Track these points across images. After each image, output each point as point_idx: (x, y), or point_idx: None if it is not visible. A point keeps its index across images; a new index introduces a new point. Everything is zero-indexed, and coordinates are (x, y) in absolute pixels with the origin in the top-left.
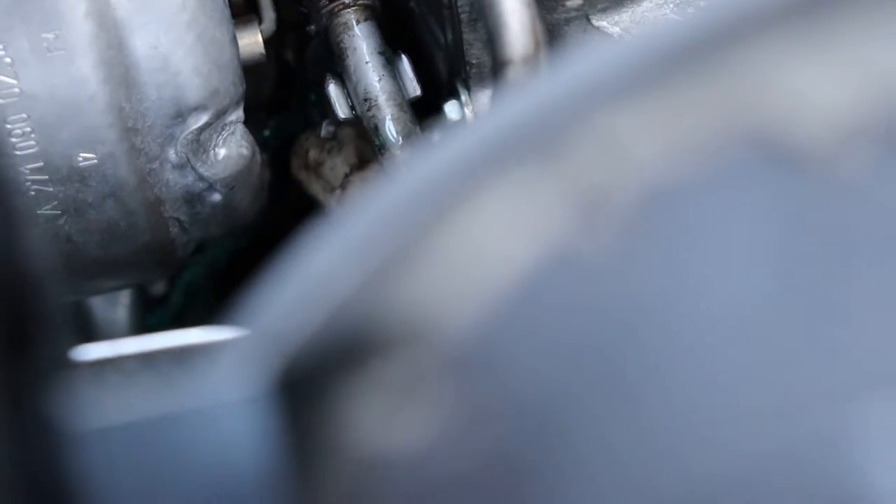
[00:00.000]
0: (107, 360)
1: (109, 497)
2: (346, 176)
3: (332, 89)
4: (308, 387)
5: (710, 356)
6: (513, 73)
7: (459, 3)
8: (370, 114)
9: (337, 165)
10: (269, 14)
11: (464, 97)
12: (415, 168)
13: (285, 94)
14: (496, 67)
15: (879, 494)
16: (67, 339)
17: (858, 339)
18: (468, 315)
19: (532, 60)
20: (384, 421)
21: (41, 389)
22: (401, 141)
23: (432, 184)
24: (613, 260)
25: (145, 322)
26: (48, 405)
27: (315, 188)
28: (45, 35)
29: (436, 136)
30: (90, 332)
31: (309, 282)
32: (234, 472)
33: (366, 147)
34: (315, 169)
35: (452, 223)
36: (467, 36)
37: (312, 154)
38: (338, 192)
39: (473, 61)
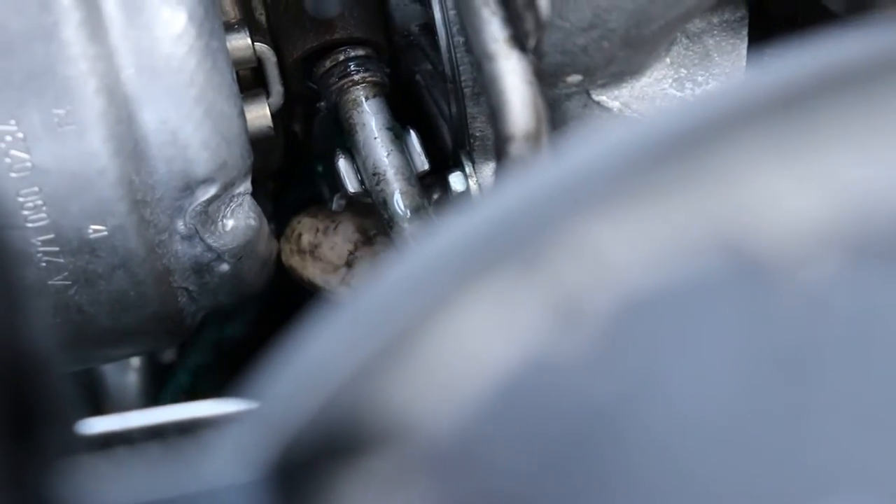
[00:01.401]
0: (114, 433)
1: None
2: (352, 253)
3: (342, 164)
4: (302, 473)
5: (682, 457)
6: (515, 148)
7: (463, 78)
8: (379, 188)
9: (338, 244)
10: (276, 88)
11: (468, 168)
12: (399, 267)
13: (293, 166)
14: (499, 142)
15: None
16: (72, 418)
17: (820, 442)
18: (448, 414)
19: (534, 135)
20: None
21: (45, 473)
22: (409, 214)
23: (415, 286)
24: (589, 364)
25: (157, 397)
26: (51, 489)
27: (311, 272)
28: (56, 111)
29: (427, 226)
30: (101, 397)
31: (303, 375)
32: None
33: (366, 222)
34: (311, 252)
35: (434, 326)
36: (471, 109)
37: (306, 238)
38: (343, 269)
39: (477, 134)
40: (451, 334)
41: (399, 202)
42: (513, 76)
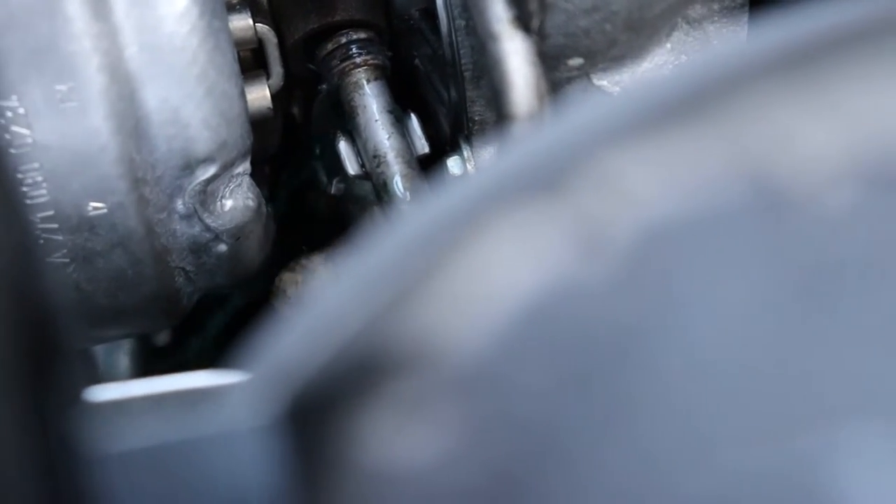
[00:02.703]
0: (117, 401)
1: None
2: None
3: (343, 146)
4: (318, 411)
5: (702, 381)
6: (517, 129)
7: (463, 62)
8: (379, 170)
9: None
10: (276, 69)
11: (466, 153)
12: (429, 202)
13: (291, 148)
14: (501, 122)
15: None
16: (83, 374)
17: (838, 367)
18: (473, 339)
19: (536, 117)
20: (392, 438)
21: (63, 416)
22: (409, 197)
23: (443, 216)
24: (611, 290)
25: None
26: (70, 431)
27: None
28: (58, 87)
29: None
30: (94, 379)
31: (320, 312)
32: (248, 495)
33: (336, 265)
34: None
35: (461, 253)
36: (470, 93)
37: (290, 291)
38: None
39: (476, 118)
40: (476, 261)
41: (399, 185)
42: (516, 57)
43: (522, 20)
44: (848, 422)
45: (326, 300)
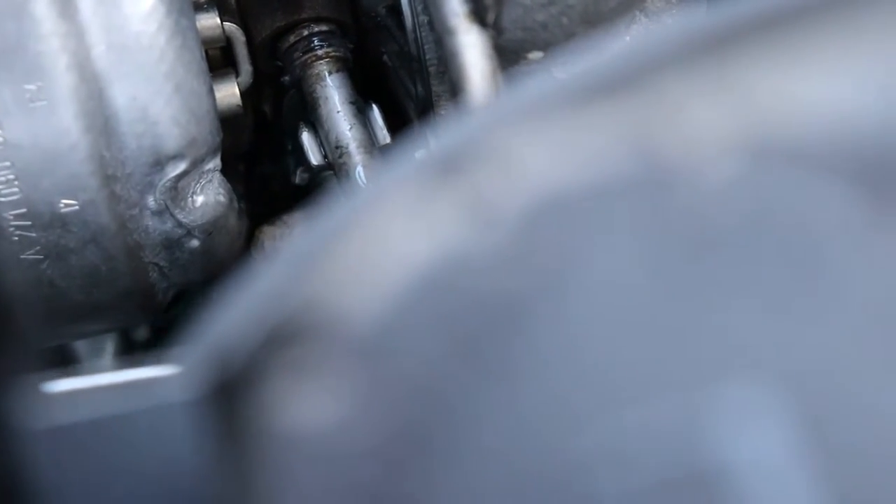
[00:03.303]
0: (73, 391)
1: (58, 492)
2: None
3: (306, 137)
4: (236, 383)
5: (586, 342)
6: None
7: (428, 57)
8: (341, 161)
9: None
10: (245, 67)
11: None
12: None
13: (262, 146)
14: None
15: (735, 464)
16: (30, 353)
17: (719, 330)
18: (369, 307)
19: None
20: (294, 403)
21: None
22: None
23: (351, 198)
24: (501, 259)
25: None
26: (4, 406)
27: None
28: (27, 86)
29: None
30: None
31: (241, 298)
32: (178, 466)
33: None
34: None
35: (358, 227)
36: (436, 88)
37: (269, 245)
38: None
39: (442, 112)
40: (372, 234)
41: (361, 175)
42: (472, 50)
43: (478, 14)
44: (727, 384)
45: (251, 281)
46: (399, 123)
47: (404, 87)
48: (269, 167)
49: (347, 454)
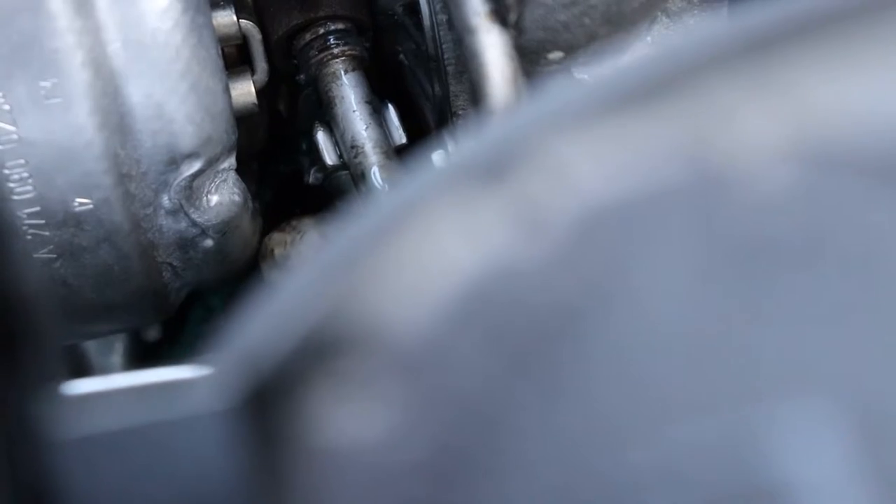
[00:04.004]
0: (91, 394)
1: (90, 502)
2: None
3: (321, 137)
4: (274, 394)
5: (641, 356)
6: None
7: (446, 57)
8: (357, 161)
9: (304, 254)
10: (261, 65)
11: (451, 147)
12: (372, 198)
13: (277, 145)
14: (479, 115)
15: (792, 484)
16: (56, 360)
17: (775, 344)
18: (417, 318)
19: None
20: (340, 416)
21: (27, 400)
22: (387, 187)
23: (385, 203)
24: (551, 270)
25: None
26: (33, 415)
27: None
28: (42, 83)
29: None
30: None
31: (277, 299)
32: (210, 477)
33: (327, 229)
34: (284, 264)
35: (406, 237)
36: (454, 88)
37: (277, 251)
38: None
39: (460, 112)
40: (419, 243)
41: (377, 175)
42: (493, 50)
43: (500, 14)
44: (781, 401)
45: (284, 286)
46: (414, 123)
47: (420, 87)
48: (283, 166)
49: (391, 470)
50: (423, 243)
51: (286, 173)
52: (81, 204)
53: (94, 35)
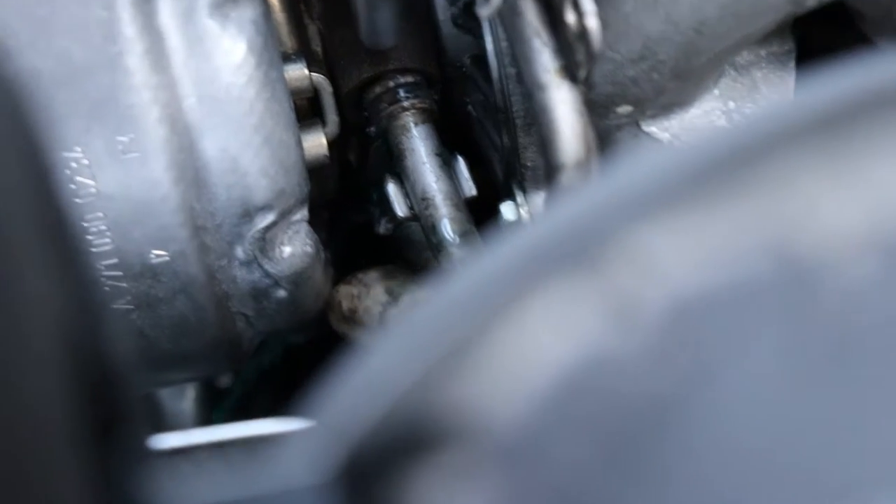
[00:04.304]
0: (179, 449)
1: None
2: (381, 314)
3: (392, 188)
4: (370, 473)
5: (734, 446)
6: (566, 177)
7: (515, 109)
8: (427, 213)
9: (370, 308)
10: (332, 118)
11: (519, 198)
12: (465, 274)
13: (347, 195)
14: (549, 171)
15: None
16: (146, 427)
17: (867, 438)
18: (514, 410)
19: (583, 165)
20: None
21: (127, 472)
22: (457, 240)
23: (480, 289)
24: (645, 361)
25: (211, 416)
26: (131, 489)
27: (357, 335)
28: (120, 138)
29: (486, 242)
30: (159, 424)
31: (369, 377)
32: None
33: (392, 283)
34: (351, 318)
35: (499, 326)
36: (522, 140)
37: (345, 304)
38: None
39: (528, 164)
40: (514, 334)
41: (447, 227)
42: (563, 106)
43: (570, 70)
44: (878, 492)
45: (375, 362)
46: (482, 173)
47: (489, 138)
48: (353, 215)
49: None
50: (517, 333)
51: (356, 223)
52: (158, 256)
53: (169, 90)
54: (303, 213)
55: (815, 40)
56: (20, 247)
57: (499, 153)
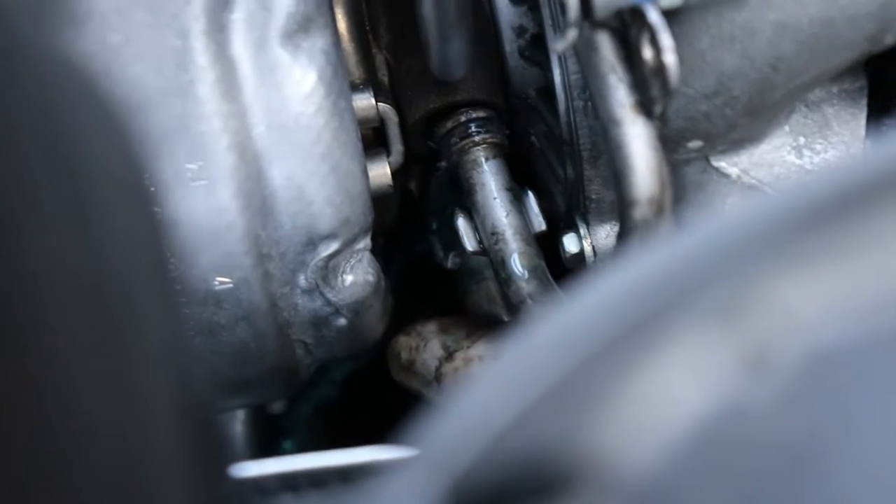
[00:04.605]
0: (274, 475)
1: None
2: (437, 369)
3: (461, 223)
4: None
5: (872, 498)
6: (639, 213)
7: (581, 142)
8: (497, 247)
9: (427, 361)
10: (397, 147)
11: (582, 230)
12: (584, 309)
13: (407, 221)
14: (622, 207)
15: None
16: (232, 453)
17: None
18: (644, 455)
19: (657, 201)
20: None
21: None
22: (527, 275)
23: (606, 329)
24: (779, 411)
25: (279, 445)
26: None
27: (415, 385)
28: (189, 166)
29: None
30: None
31: (481, 408)
32: None
33: (448, 338)
34: (409, 368)
35: (629, 371)
36: (588, 172)
37: (404, 356)
38: (434, 384)
39: (593, 196)
40: (646, 380)
41: (517, 262)
42: (639, 142)
43: (645, 105)
44: None
45: (493, 394)
46: (543, 204)
47: (551, 169)
48: (412, 245)
49: None
50: (650, 380)
51: (415, 252)
52: (222, 283)
53: (239, 119)
54: (365, 242)
55: (889, 78)
56: (143, 298)
57: (561, 184)
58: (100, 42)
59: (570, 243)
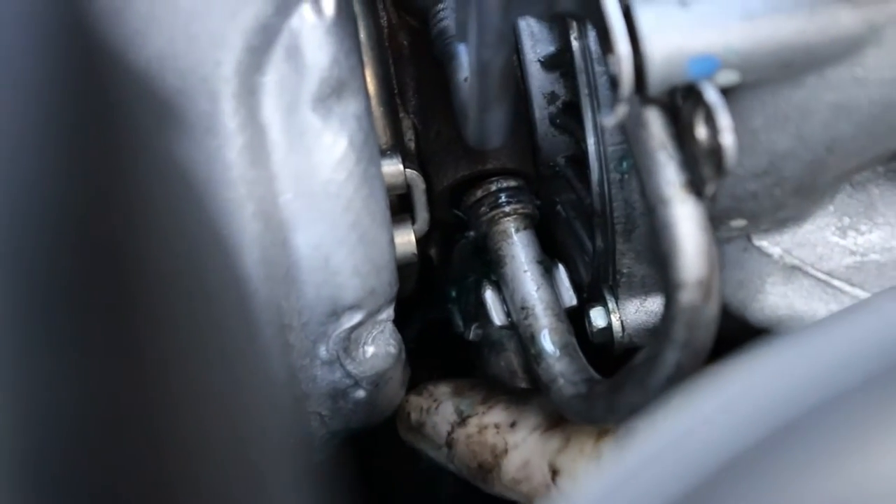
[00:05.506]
0: None
1: None
2: (449, 434)
3: (489, 296)
4: None
5: None
6: (685, 296)
7: (615, 215)
8: (527, 322)
9: (437, 424)
10: (422, 215)
11: (611, 304)
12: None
13: (425, 288)
14: (669, 288)
15: None
16: None
17: None
18: None
19: (706, 283)
20: None
21: None
22: (559, 353)
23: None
24: None
25: None
26: None
27: (423, 446)
28: None
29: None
30: None
31: None
32: None
33: (462, 402)
34: (419, 429)
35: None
36: (620, 246)
37: (413, 416)
38: (444, 449)
39: (624, 270)
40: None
41: (547, 339)
42: (688, 222)
43: (695, 185)
44: None
45: None
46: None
47: (577, 239)
48: (428, 312)
49: None
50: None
51: (431, 319)
52: None
53: (266, 185)
54: (388, 313)
55: None
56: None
57: (587, 255)
58: None
59: (597, 317)
